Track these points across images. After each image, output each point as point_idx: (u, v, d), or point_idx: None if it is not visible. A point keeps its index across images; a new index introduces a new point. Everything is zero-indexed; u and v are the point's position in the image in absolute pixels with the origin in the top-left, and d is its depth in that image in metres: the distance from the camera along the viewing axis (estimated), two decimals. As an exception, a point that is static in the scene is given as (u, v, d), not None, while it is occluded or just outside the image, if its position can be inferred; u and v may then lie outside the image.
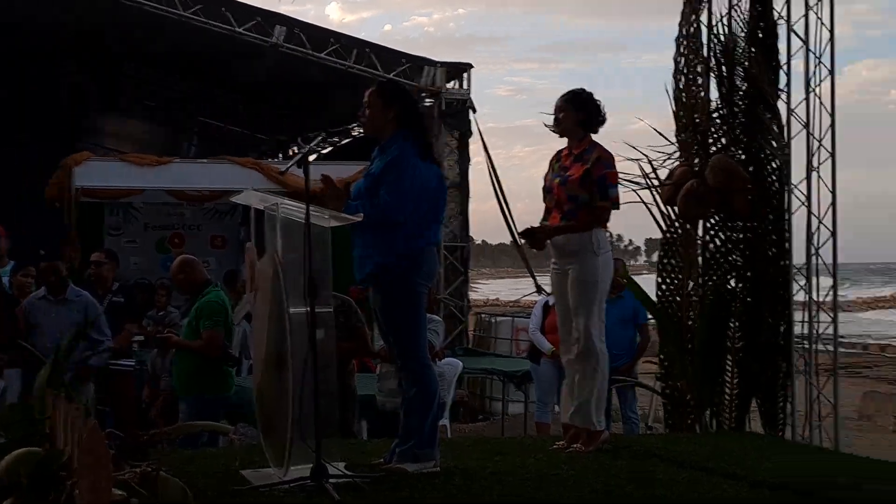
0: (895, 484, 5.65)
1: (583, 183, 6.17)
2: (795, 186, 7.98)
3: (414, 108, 5.74)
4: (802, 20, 8.07)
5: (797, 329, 8.04)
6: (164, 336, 8.38)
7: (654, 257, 8.64)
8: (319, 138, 5.38)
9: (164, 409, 8.59)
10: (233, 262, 17.10)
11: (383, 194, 5.32)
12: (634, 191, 8.06)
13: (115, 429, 4.35)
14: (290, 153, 20.29)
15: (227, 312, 7.98)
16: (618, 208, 6.34)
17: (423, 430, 5.42)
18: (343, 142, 18.08)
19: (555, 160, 6.46)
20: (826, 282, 8.17)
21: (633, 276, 9.42)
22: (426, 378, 5.46)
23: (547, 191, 6.42)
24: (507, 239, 15.79)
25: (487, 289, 69.32)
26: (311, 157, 18.23)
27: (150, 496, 3.27)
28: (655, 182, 8.09)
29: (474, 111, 14.56)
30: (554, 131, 6.44)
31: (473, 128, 14.64)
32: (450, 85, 14.79)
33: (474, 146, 15.03)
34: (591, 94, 6.39)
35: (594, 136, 6.37)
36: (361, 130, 5.43)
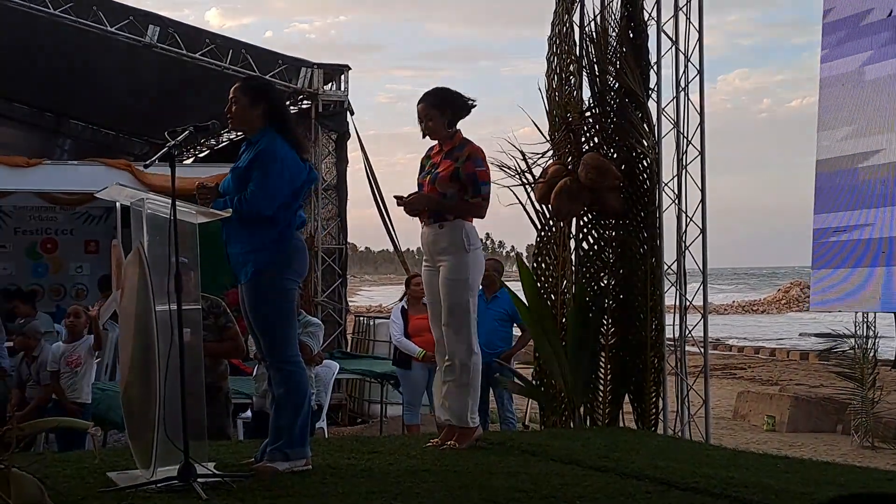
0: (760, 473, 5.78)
1: (452, 179, 6.17)
2: (666, 184, 8.12)
3: (281, 103, 5.66)
4: (672, 21, 8.24)
5: (670, 327, 8.18)
6: None
7: (537, 263, 8.71)
8: (186, 133, 5.27)
9: (31, 417, 8.36)
10: (107, 267, 16.73)
11: (251, 187, 5.23)
12: (509, 187, 8.13)
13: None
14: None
15: None
16: (488, 204, 6.34)
17: (293, 429, 5.34)
18: (220, 145, 17.85)
19: (426, 158, 6.44)
20: (697, 279, 8.34)
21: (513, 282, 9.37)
22: (295, 377, 5.37)
23: (419, 188, 6.40)
24: (391, 246, 15.76)
25: (370, 295, 69.25)
26: (189, 161, 17.96)
27: (4, 495, 3.14)
28: (529, 179, 8.15)
29: (352, 113, 14.51)
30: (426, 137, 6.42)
31: (351, 130, 14.58)
32: (327, 87, 14.72)
33: (354, 154, 14.97)
34: (448, 90, 6.33)
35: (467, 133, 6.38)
36: (230, 128, 5.37)
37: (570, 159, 8.06)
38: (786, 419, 15.82)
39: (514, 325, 10.01)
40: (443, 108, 6.26)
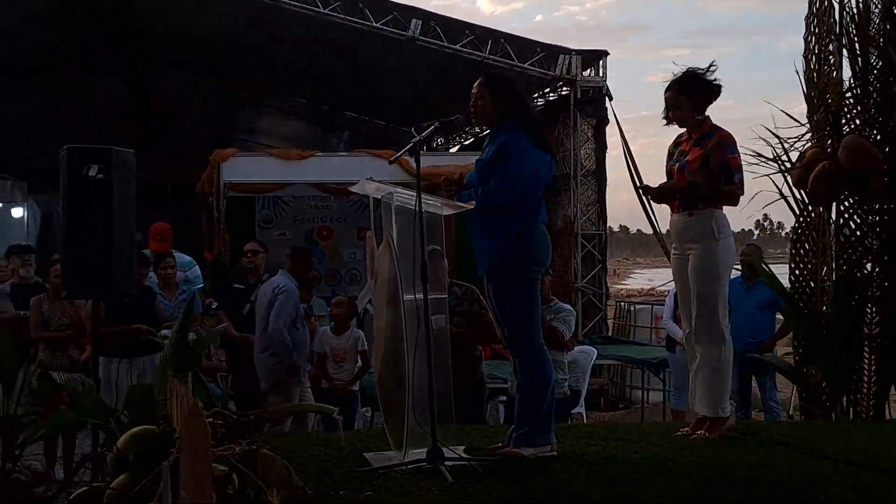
0: None
1: (702, 167, 6.08)
2: (936, 166, 7.69)
3: (521, 96, 5.75)
4: (941, -7, 7.77)
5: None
6: None
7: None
8: (431, 128, 5.54)
9: None
10: (380, 252, 17.36)
11: (493, 179, 5.36)
12: (767, 175, 7.90)
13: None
14: (434, 146, 20.51)
15: None
16: (743, 192, 6.21)
17: (537, 416, 5.44)
18: (483, 133, 18.22)
19: (674, 146, 6.37)
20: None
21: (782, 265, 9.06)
22: (539, 364, 5.47)
23: (668, 176, 6.35)
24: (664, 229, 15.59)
25: (648, 277, 68.43)
26: (454, 149, 18.33)
27: (252, 473, 3.39)
28: (787, 164, 7.90)
29: (610, 98, 14.46)
30: (669, 124, 6.34)
31: (610, 115, 14.54)
32: (586, 73, 14.73)
33: (613, 139, 14.97)
34: (696, 74, 6.15)
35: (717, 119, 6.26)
36: (474, 123, 5.57)
37: (829, 142, 7.76)
38: None
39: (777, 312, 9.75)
40: (691, 95, 6.16)
